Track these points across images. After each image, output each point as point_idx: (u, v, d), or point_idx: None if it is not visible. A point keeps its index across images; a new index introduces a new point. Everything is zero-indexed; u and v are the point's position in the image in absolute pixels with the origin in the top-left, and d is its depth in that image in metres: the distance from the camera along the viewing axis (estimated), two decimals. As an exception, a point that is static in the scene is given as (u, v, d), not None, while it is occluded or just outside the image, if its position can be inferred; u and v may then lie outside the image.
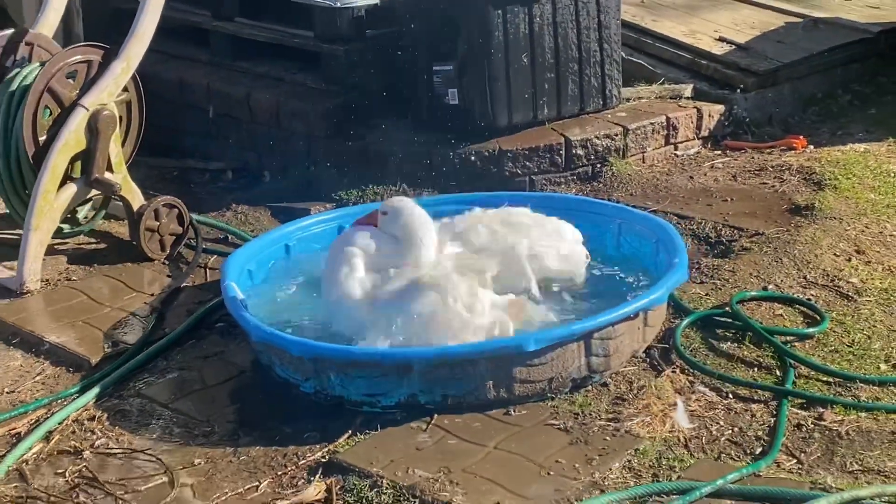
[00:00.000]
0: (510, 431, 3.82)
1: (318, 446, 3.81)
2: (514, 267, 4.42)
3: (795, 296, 4.60)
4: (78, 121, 4.97)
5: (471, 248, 4.48)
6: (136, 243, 5.23)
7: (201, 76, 6.63)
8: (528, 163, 5.80)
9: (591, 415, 3.90)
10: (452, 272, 4.19)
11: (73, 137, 4.97)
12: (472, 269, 4.24)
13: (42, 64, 5.08)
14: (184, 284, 4.99)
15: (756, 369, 4.19)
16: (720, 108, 6.39)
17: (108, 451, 3.89)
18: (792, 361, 4.17)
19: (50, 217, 4.99)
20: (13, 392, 4.28)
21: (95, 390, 4.20)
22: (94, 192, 5.19)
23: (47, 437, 3.96)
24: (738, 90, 6.53)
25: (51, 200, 4.97)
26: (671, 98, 6.44)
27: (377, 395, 3.94)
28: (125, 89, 5.19)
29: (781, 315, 4.50)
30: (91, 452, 3.87)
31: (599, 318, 4.02)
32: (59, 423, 4.03)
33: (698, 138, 6.29)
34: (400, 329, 4.04)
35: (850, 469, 3.60)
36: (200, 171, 6.47)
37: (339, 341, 4.15)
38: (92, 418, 4.07)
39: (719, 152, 6.25)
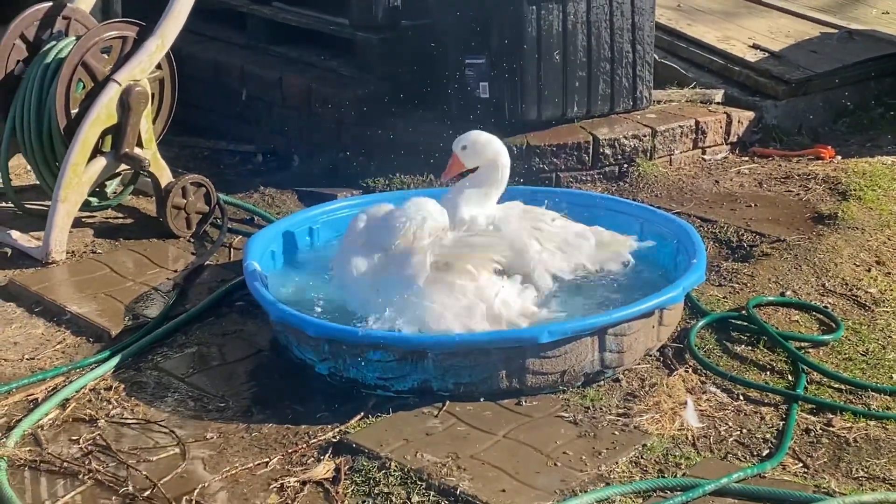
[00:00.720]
0: (520, 421, 3.85)
1: (329, 426, 3.85)
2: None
3: (812, 303, 4.61)
4: (110, 95, 5.03)
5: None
6: (163, 220, 5.29)
7: (236, 59, 6.70)
8: (555, 159, 5.83)
9: (601, 409, 3.92)
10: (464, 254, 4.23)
11: (104, 112, 5.03)
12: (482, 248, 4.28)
13: (78, 38, 5.14)
14: (207, 263, 5.05)
15: (768, 373, 4.20)
16: (750, 114, 6.40)
17: (122, 420, 3.94)
18: (804, 367, 4.18)
19: (78, 190, 5.06)
20: (33, 359, 4.34)
21: (114, 361, 4.27)
22: (123, 166, 5.25)
23: (64, 405, 4.02)
24: (769, 98, 6.54)
25: (80, 173, 5.03)
26: (701, 102, 6.46)
27: (391, 380, 3.98)
28: (159, 67, 5.25)
29: (797, 321, 4.51)
30: (106, 421, 3.93)
31: (614, 314, 4.05)
32: (76, 392, 4.09)
33: (726, 143, 6.30)
34: (401, 314, 4.11)
35: (856, 475, 3.61)
36: (231, 153, 6.54)
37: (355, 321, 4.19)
38: (109, 388, 4.13)
39: (747, 158, 6.26)
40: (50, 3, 5.44)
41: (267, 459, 3.70)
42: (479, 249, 4.26)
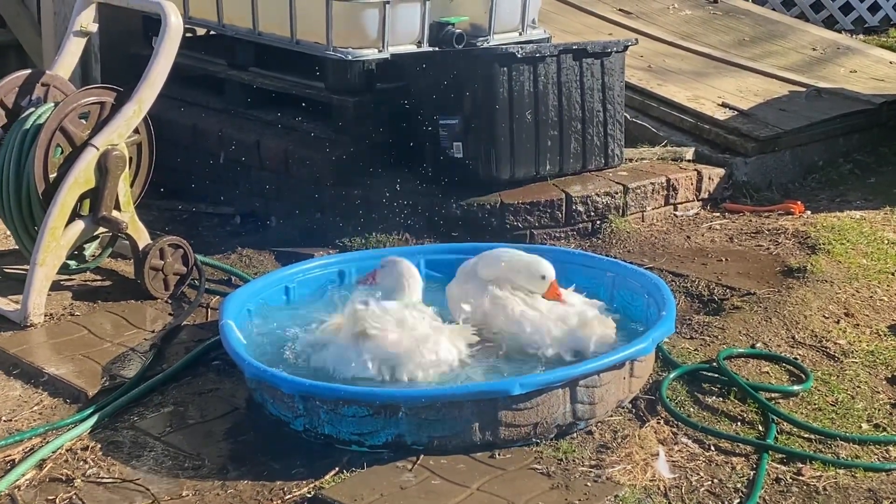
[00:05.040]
0: (494, 474, 3.88)
1: (304, 482, 3.88)
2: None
3: (782, 354, 4.67)
4: (88, 160, 5.09)
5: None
6: (141, 282, 5.33)
7: (214, 123, 6.77)
8: (528, 217, 5.91)
9: (574, 461, 3.96)
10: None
11: (82, 176, 5.09)
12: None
13: (56, 104, 5.22)
14: (184, 323, 5.08)
15: (739, 424, 4.25)
16: (720, 171, 6.51)
17: (98, 480, 3.96)
18: (774, 417, 4.23)
19: (56, 253, 5.10)
20: (10, 420, 4.35)
21: (90, 421, 4.28)
22: (101, 229, 5.30)
23: (40, 465, 4.04)
24: (739, 155, 6.65)
25: (58, 237, 5.08)
26: (673, 160, 6.56)
27: (365, 435, 4.01)
28: (136, 131, 5.32)
29: (768, 372, 4.58)
30: (82, 481, 3.94)
31: (585, 366, 4.10)
32: (53, 452, 4.10)
33: (698, 200, 6.40)
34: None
35: (825, 523, 3.66)
36: (209, 215, 6.60)
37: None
38: (85, 448, 4.15)
39: (718, 214, 6.35)
40: (29, 71, 5.52)
41: (242, 515, 3.74)
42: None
